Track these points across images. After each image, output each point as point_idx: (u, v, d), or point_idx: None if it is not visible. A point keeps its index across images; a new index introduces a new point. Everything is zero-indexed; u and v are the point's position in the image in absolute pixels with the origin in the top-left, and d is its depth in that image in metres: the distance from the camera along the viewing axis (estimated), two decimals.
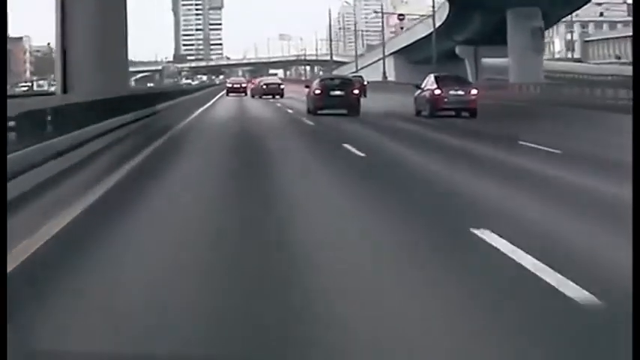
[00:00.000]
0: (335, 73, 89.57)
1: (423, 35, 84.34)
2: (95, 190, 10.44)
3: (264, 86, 62.42)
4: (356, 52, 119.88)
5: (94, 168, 12.90)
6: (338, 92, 33.39)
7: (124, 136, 17.90)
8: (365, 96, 47.47)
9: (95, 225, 8.03)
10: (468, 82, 31.48)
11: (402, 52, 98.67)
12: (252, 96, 61.20)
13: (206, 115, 35.18)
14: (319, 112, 32.55)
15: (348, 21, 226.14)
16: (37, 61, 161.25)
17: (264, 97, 57.90)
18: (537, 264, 6.13)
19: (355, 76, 53.24)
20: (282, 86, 62.27)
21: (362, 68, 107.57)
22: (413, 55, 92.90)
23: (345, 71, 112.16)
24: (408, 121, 29.38)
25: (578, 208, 9.53)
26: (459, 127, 25.48)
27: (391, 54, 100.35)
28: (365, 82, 58.59)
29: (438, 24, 74.55)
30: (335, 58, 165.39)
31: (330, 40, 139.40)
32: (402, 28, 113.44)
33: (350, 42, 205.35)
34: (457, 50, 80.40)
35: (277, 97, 58.26)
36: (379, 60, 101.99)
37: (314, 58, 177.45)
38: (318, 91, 33.75)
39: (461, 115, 30.08)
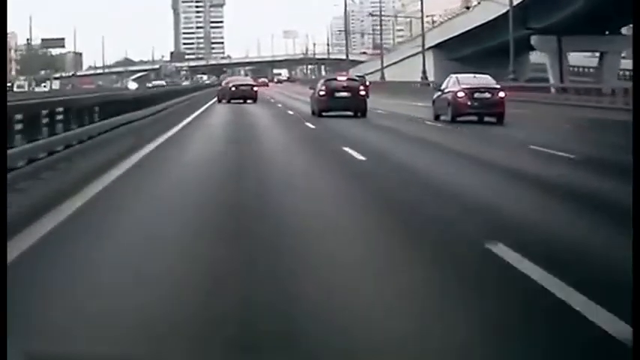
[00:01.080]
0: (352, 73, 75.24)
1: (481, 23, 71.99)
2: None
3: (233, 88, 52.56)
4: (381, 46, 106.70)
5: None
6: (344, 93, 32.77)
7: None
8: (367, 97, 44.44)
9: None
10: (494, 82, 29.99)
11: (445, 46, 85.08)
12: (219, 100, 51.42)
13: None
14: (324, 114, 32.10)
15: (353, 18, 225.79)
16: (22, 60, 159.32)
17: (233, 101, 49.98)
18: None
19: (358, 76, 52.06)
20: (255, 89, 53.50)
21: (388, 66, 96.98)
22: (459, 49, 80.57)
23: (362, 71, 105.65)
24: (434, 129, 26.59)
25: None
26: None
27: (431, 48, 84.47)
28: (367, 83, 56.39)
29: (502, 9, 58.84)
30: (342, 57, 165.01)
31: (347, 34, 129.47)
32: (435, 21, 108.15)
33: (354, 41, 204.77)
34: (533, 41, 64.75)
35: (249, 101, 50.33)
36: (414, 55, 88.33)
37: (325, 56, 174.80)
38: (322, 93, 32.99)
39: (484, 121, 28.37)
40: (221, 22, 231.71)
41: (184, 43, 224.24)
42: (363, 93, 33.50)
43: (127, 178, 12.54)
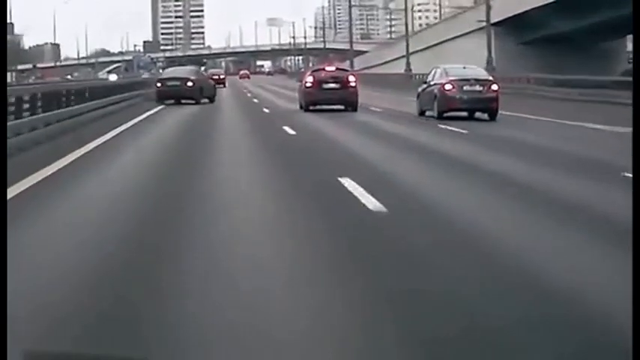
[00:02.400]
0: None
1: None
2: None
3: (159, 84, 38.18)
4: (407, 29, 78.62)
5: None
6: (332, 85, 30.57)
7: None
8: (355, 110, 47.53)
9: None
10: (486, 75, 27.88)
11: (518, 22, 58.80)
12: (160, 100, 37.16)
13: None
14: (311, 107, 30.09)
15: (339, 8, 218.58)
16: None
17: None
18: None
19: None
20: (208, 82, 41.00)
21: (414, 53, 72.33)
22: (533, 30, 57.68)
23: (370, 62, 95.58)
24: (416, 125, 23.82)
25: None
26: None
27: (494, 26, 56.02)
28: (353, 82, 54.44)
29: None
30: (334, 47, 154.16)
31: (351, 20, 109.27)
32: None
33: (340, 29, 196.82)
34: None
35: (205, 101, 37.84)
36: (459, 38, 66.63)
37: (318, 46, 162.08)
38: (309, 84, 30.75)
39: (474, 117, 25.73)
40: (201, 10, 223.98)
41: (162, 33, 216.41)
42: (353, 84, 30.95)
43: None
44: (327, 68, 32.66)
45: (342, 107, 29.81)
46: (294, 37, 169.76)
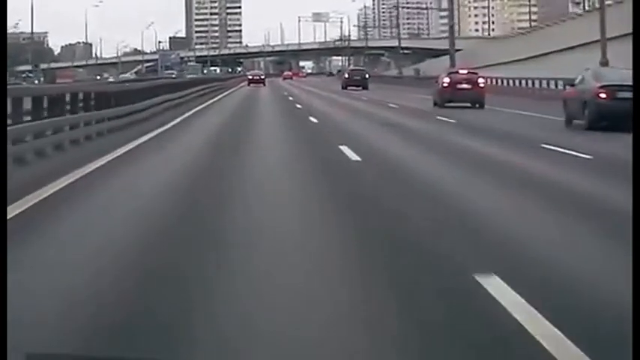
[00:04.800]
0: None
1: None
2: None
3: None
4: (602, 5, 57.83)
5: None
6: (465, 85, 37.85)
7: None
8: (367, 89, 64.15)
9: None
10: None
11: None
12: None
13: None
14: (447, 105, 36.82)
15: (384, 7, 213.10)
16: None
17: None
18: None
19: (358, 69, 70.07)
20: None
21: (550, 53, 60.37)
22: None
23: (476, 62, 64.69)
24: None
25: None
26: None
27: None
28: (367, 76, 70.75)
29: None
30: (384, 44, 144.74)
31: (451, 11, 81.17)
32: None
33: (384, 31, 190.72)
34: None
35: None
36: None
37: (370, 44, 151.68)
38: (445, 85, 38.17)
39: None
40: (239, 7, 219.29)
41: (197, 31, 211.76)
42: (482, 85, 37.98)
43: None
44: (460, 71, 39.88)
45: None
46: (347, 34, 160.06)
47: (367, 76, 69.72)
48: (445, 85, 37.80)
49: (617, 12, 48.33)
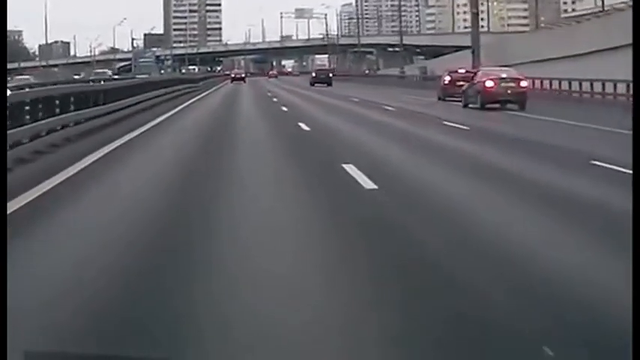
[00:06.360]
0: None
1: None
2: None
3: None
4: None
5: None
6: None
7: None
8: (330, 85, 76.66)
9: None
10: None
11: None
12: None
13: None
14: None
15: (367, 3, 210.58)
16: None
17: None
18: None
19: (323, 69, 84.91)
20: None
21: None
22: None
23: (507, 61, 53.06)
24: None
25: None
26: None
27: None
28: (330, 75, 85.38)
29: None
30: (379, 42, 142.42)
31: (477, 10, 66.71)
32: None
33: (367, 27, 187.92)
34: None
35: None
36: None
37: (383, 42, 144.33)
38: (447, 82, 44.86)
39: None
40: (219, 4, 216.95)
41: (175, 29, 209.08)
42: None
43: None
44: (459, 70, 45.09)
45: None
46: (332, 31, 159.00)
47: (331, 75, 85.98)
48: (446, 82, 44.54)
49: None
